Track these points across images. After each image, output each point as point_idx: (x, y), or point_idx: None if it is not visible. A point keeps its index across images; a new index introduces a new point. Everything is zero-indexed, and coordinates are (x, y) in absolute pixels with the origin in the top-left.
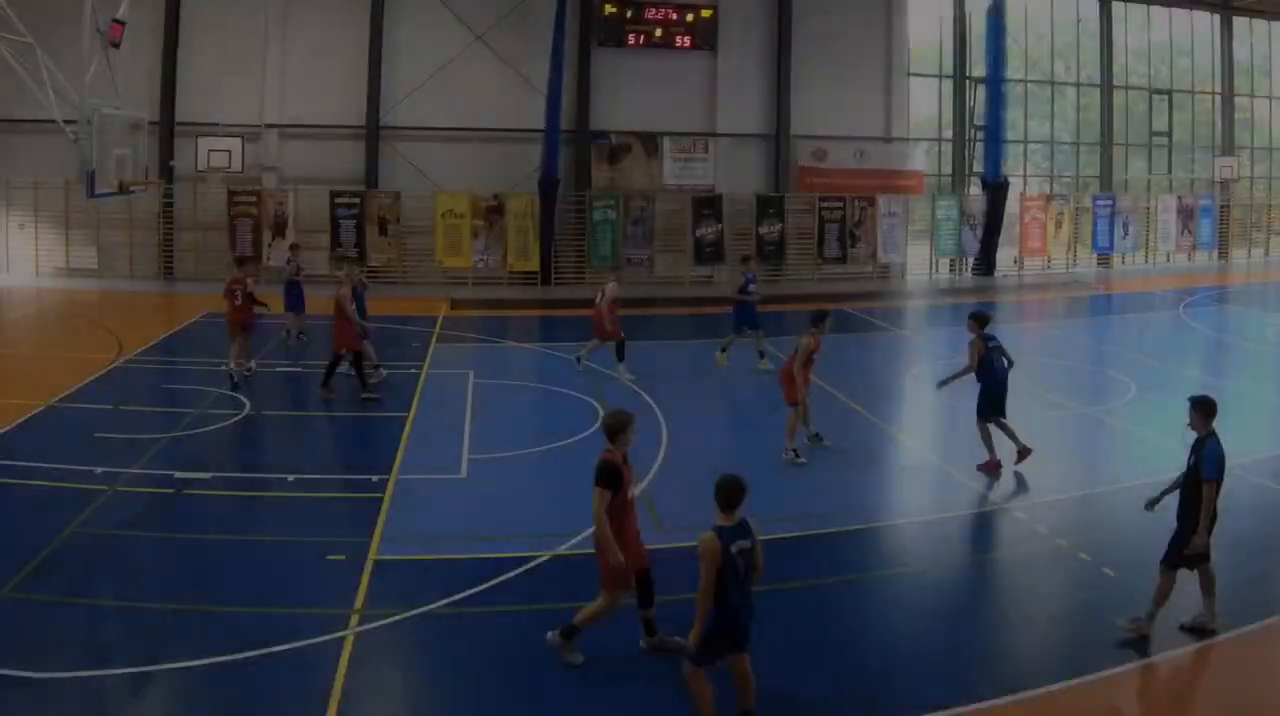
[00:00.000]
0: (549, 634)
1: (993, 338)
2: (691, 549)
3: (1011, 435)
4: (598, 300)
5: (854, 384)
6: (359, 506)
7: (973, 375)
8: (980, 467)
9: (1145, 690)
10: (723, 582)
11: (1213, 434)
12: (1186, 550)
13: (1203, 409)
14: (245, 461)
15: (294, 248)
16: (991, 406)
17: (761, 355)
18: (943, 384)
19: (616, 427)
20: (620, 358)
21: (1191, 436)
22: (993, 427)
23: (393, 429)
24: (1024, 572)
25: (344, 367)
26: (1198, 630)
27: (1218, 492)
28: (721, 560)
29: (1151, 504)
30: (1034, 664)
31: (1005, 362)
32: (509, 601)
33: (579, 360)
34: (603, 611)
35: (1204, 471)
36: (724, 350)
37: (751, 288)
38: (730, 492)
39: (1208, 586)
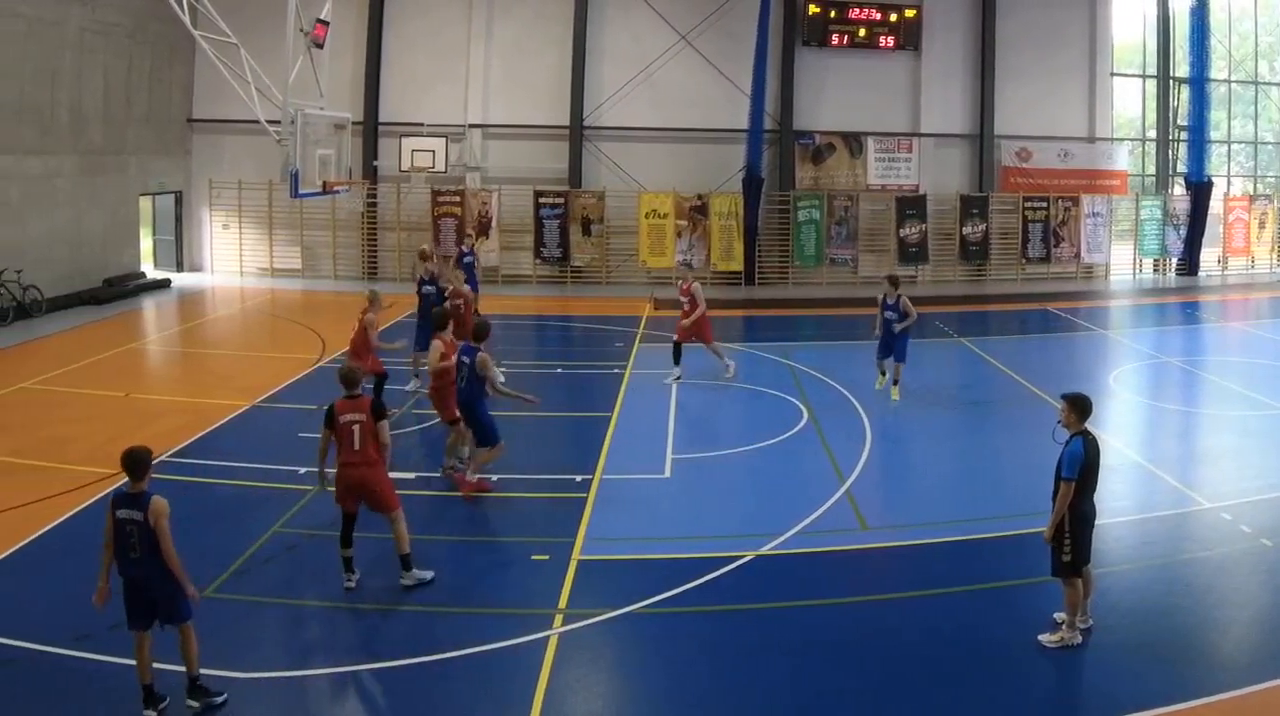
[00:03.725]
0: (402, 581)
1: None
2: (895, 548)
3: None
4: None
5: (1058, 383)
6: (563, 506)
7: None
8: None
9: None
10: (117, 548)
11: (1082, 433)
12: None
13: (1074, 406)
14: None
15: (423, 254)
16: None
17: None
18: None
19: (353, 379)
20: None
21: (1064, 434)
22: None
23: (597, 429)
24: (1228, 572)
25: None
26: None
27: (1086, 494)
28: (109, 520)
29: None
30: (1236, 664)
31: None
32: (713, 601)
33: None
34: (404, 530)
35: (1063, 470)
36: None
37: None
38: (132, 462)
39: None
